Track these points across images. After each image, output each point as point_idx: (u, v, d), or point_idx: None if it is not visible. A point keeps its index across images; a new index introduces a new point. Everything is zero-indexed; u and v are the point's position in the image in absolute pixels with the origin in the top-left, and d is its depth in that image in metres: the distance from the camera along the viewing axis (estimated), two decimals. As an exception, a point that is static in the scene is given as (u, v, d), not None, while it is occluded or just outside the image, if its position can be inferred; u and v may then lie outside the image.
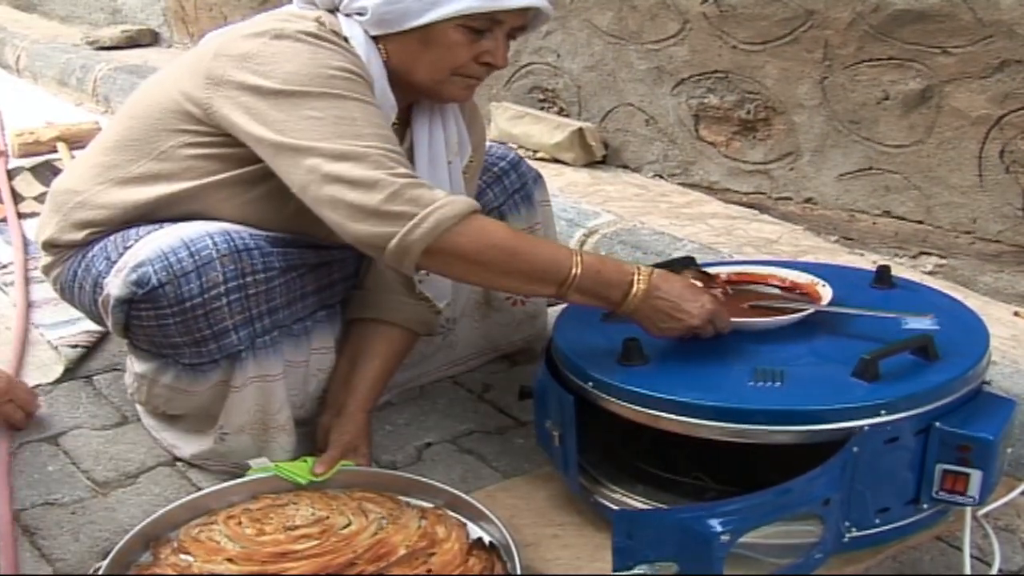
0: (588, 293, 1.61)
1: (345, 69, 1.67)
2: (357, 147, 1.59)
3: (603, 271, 1.61)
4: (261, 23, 1.73)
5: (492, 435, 1.98)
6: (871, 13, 2.36)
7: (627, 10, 2.95)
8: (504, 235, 1.62)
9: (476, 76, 1.79)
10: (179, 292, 1.67)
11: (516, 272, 1.61)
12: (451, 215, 1.56)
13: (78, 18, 6.62)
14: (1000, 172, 2.24)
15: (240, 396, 1.77)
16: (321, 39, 1.69)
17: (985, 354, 1.58)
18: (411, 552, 1.50)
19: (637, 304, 1.59)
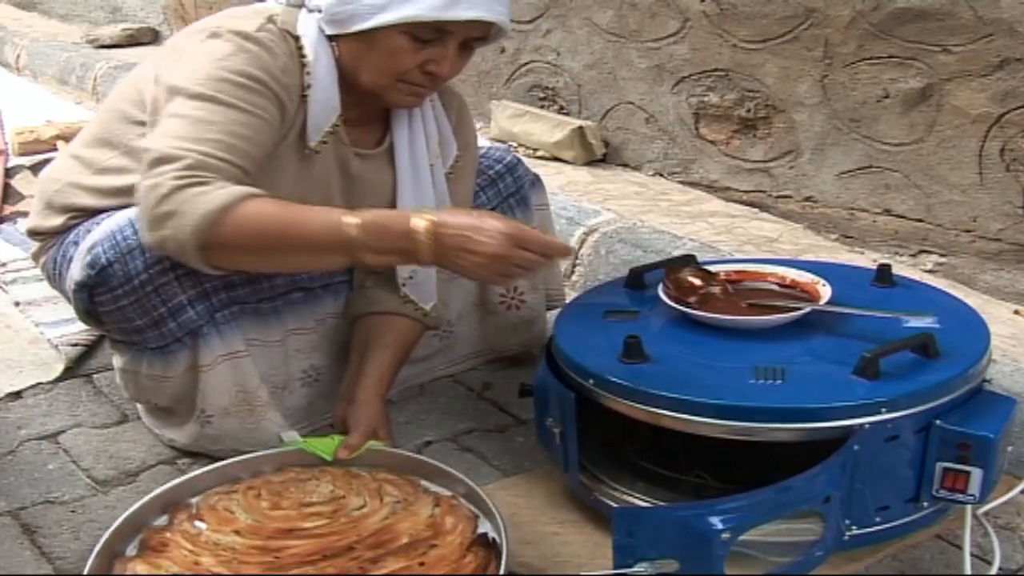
0: (380, 250, 1.59)
1: (248, 75, 1.66)
2: (179, 150, 1.57)
3: (380, 220, 1.59)
4: (213, 21, 1.75)
5: (492, 433, 1.98)
6: (871, 11, 2.36)
7: (627, 8, 2.95)
8: (270, 216, 1.58)
9: (420, 84, 1.76)
10: (127, 270, 1.69)
11: (296, 249, 1.61)
12: (212, 209, 1.54)
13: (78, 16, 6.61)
14: (1000, 170, 2.24)
15: (212, 375, 1.77)
16: (251, 40, 1.69)
17: (985, 352, 1.58)
18: (412, 542, 1.50)
19: (431, 245, 1.57)
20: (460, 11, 1.66)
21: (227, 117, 1.63)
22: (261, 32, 1.71)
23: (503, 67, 3.42)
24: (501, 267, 1.59)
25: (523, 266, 1.60)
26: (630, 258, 2.42)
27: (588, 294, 1.95)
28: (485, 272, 1.60)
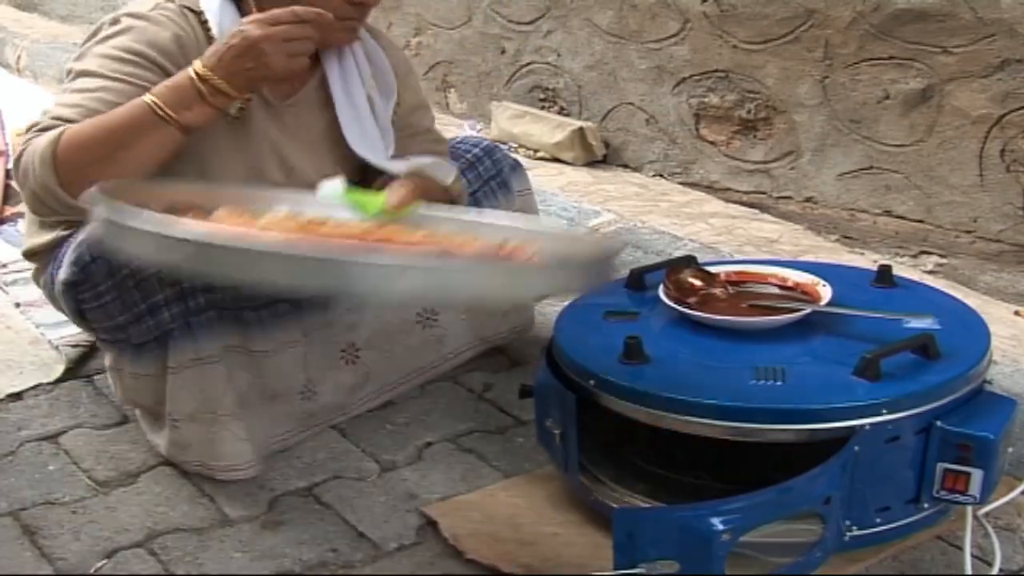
0: (182, 104, 1.65)
1: (129, 49, 1.74)
2: (40, 117, 1.72)
3: (170, 83, 1.68)
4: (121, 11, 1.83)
5: (493, 434, 1.98)
6: (872, 12, 2.37)
7: (627, 9, 2.95)
8: (87, 125, 1.67)
9: (353, 17, 1.83)
10: (110, 266, 1.70)
11: (122, 141, 1.66)
12: (44, 146, 1.64)
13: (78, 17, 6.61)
14: (1001, 171, 2.24)
15: (179, 379, 1.76)
16: (141, 18, 1.78)
17: (986, 353, 1.58)
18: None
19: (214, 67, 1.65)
20: None
21: (98, 85, 1.72)
22: (154, 11, 1.79)
23: (503, 68, 3.42)
24: (276, 47, 1.64)
25: (293, 35, 1.65)
26: (630, 259, 2.42)
27: (588, 295, 1.94)
28: (272, 62, 1.64)
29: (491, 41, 3.44)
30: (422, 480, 1.83)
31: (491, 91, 3.47)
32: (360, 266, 1.21)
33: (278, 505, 1.77)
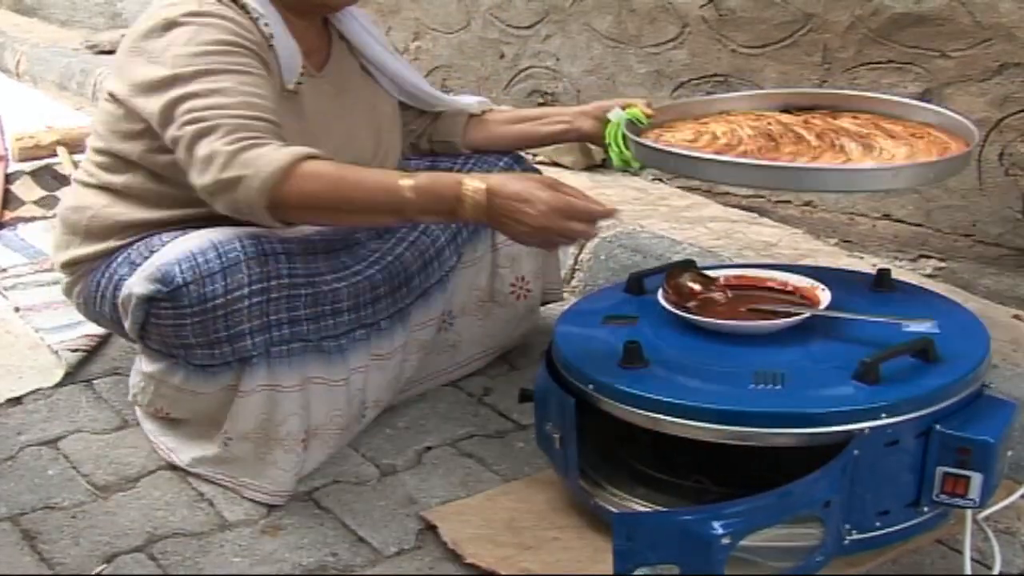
0: (431, 212, 1.67)
1: (224, 41, 1.75)
2: (209, 122, 1.67)
3: (436, 186, 1.66)
4: (155, 15, 1.81)
5: (492, 438, 1.98)
6: (870, 16, 2.37)
7: (626, 14, 2.95)
8: (329, 179, 1.67)
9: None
10: (202, 292, 1.69)
11: (355, 210, 1.70)
12: (274, 170, 1.62)
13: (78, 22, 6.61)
14: (1000, 175, 2.25)
15: (246, 402, 1.77)
16: (202, 15, 1.77)
17: (985, 357, 1.58)
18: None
19: (483, 209, 1.63)
20: None
21: (233, 81, 1.72)
22: (205, 5, 1.79)
23: (502, 72, 3.42)
24: (546, 237, 1.65)
25: (568, 236, 1.65)
26: (630, 263, 2.42)
27: (588, 299, 1.95)
28: (530, 240, 1.67)
29: (490, 45, 3.45)
30: (422, 484, 1.83)
31: (490, 95, 3.46)
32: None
33: (277, 509, 1.77)
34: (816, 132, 1.93)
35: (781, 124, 2.00)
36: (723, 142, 1.92)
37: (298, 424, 1.80)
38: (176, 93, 1.71)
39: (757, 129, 1.98)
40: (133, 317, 1.76)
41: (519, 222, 1.62)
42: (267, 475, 1.79)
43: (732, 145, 1.90)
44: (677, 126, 2.05)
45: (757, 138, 1.92)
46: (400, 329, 1.97)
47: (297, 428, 1.80)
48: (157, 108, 1.74)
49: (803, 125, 1.99)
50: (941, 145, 1.84)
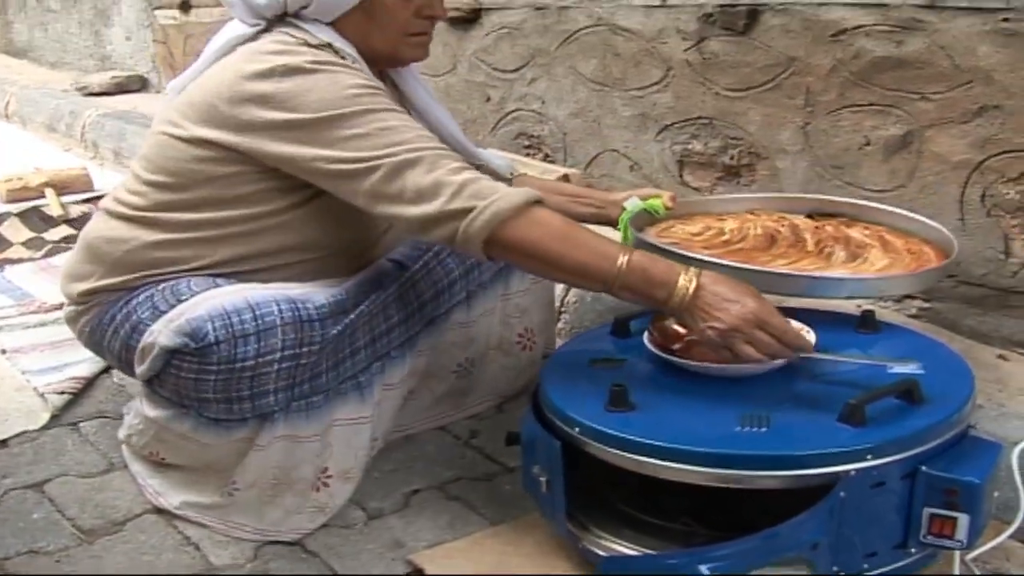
0: (635, 291, 1.65)
1: (360, 85, 1.76)
2: (411, 154, 1.68)
3: (650, 270, 1.64)
4: (258, 62, 1.79)
5: (479, 481, 1.98)
6: (851, 60, 2.39)
7: (611, 57, 2.98)
8: (555, 231, 1.66)
9: (424, 31, 1.93)
10: (233, 352, 1.69)
11: (566, 267, 1.67)
12: (507, 207, 1.63)
13: (68, 64, 6.64)
14: (982, 216, 2.27)
15: (263, 455, 1.77)
16: (323, 63, 1.78)
17: (970, 397, 1.59)
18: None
19: (684, 304, 1.62)
20: None
21: (399, 119, 1.75)
22: (321, 55, 1.80)
23: (489, 115, 3.44)
24: (731, 339, 1.60)
25: (753, 346, 1.60)
26: (615, 304, 2.41)
27: (574, 342, 1.96)
28: (715, 338, 1.61)
29: (476, 89, 3.47)
30: (409, 528, 1.82)
31: (476, 138, 3.49)
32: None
33: (264, 554, 1.76)
34: (818, 239, 2.04)
35: (792, 227, 2.10)
36: (725, 238, 2.02)
37: (311, 470, 1.81)
38: (341, 134, 1.71)
39: (767, 229, 2.08)
40: (151, 365, 1.74)
41: (715, 318, 1.60)
42: (270, 518, 1.79)
43: (731, 242, 2.01)
44: (695, 219, 2.15)
45: (761, 238, 2.03)
46: (408, 356, 2.00)
47: (311, 473, 1.81)
48: (314, 151, 1.73)
49: (813, 231, 2.08)
50: (923, 262, 1.95)
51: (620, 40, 2.93)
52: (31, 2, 6.96)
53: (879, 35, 2.32)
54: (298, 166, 1.76)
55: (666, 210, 2.09)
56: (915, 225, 2.14)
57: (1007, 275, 2.25)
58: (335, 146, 1.71)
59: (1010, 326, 2.26)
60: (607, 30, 2.96)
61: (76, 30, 6.50)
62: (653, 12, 2.81)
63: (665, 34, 2.79)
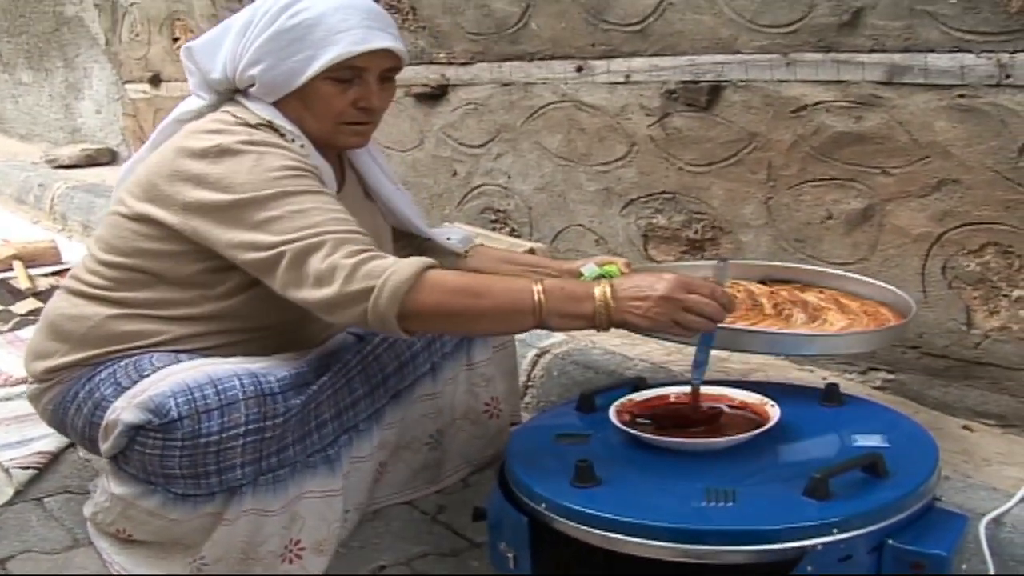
0: (564, 313, 1.67)
1: (285, 167, 1.80)
2: (314, 239, 1.70)
3: (566, 287, 1.70)
4: (196, 140, 1.84)
5: (447, 557, 1.97)
6: (812, 135, 2.43)
7: (576, 132, 3.01)
8: (459, 283, 1.70)
9: (360, 121, 1.94)
10: (197, 428, 1.69)
11: (487, 315, 1.70)
12: (403, 279, 1.65)
13: (38, 136, 6.65)
14: (943, 288, 2.29)
15: (230, 529, 1.76)
16: (255, 143, 1.83)
17: (935, 470, 1.60)
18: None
19: (611, 308, 1.66)
20: (371, 43, 1.86)
21: (315, 202, 1.77)
22: (256, 135, 1.85)
23: (455, 189, 3.47)
24: (672, 309, 1.65)
25: (693, 309, 1.65)
26: (582, 379, 2.43)
27: (540, 417, 1.97)
28: (660, 317, 1.65)
29: (443, 163, 3.50)
30: (375, 606, 1.80)
31: (443, 212, 3.51)
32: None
33: (227, 635, 1.73)
34: (775, 302, 2.06)
35: (748, 293, 2.12)
36: None
37: (278, 543, 1.81)
38: (257, 218, 1.74)
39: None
40: (115, 442, 1.74)
41: (643, 298, 1.65)
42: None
43: None
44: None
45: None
46: (376, 429, 2.00)
47: (277, 545, 1.81)
48: (232, 234, 1.76)
49: (768, 295, 2.10)
50: (881, 322, 1.99)
51: (585, 116, 2.96)
52: (2, 75, 6.98)
53: (839, 111, 2.37)
54: (223, 251, 1.80)
55: (621, 275, 2.09)
56: (870, 289, 2.17)
57: (970, 346, 2.27)
58: (250, 230, 1.75)
59: (974, 397, 2.27)
60: (572, 106, 3.00)
61: (47, 103, 6.51)
62: (617, 88, 2.85)
63: (629, 110, 2.83)
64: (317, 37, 1.84)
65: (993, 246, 2.19)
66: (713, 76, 2.59)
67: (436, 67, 3.40)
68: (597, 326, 1.68)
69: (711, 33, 2.58)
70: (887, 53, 2.25)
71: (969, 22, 2.10)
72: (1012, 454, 2.03)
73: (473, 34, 3.24)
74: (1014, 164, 2.10)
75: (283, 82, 1.87)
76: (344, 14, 1.85)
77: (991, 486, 1.85)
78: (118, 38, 5.42)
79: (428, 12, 3.35)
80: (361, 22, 1.86)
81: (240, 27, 1.90)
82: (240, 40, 1.89)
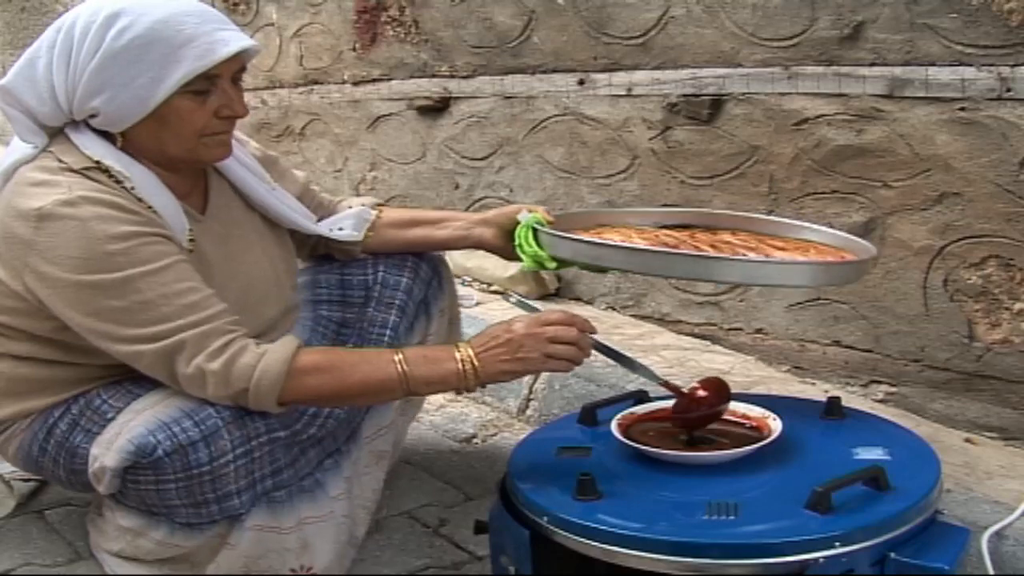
0: (430, 380, 1.72)
1: (115, 237, 1.65)
2: (170, 339, 1.66)
3: (427, 352, 1.75)
4: (21, 196, 1.70)
5: (448, 570, 1.96)
6: (813, 148, 2.44)
7: (578, 146, 3.02)
8: (325, 375, 1.72)
9: (223, 131, 1.80)
10: (186, 461, 1.68)
11: (356, 392, 1.75)
12: (273, 377, 1.68)
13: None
14: (945, 300, 2.29)
15: (235, 552, 1.78)
16: (75, 203, 1.66)
17: (937, 483, 1.59)
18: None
19: (476, 365, 1.70)
20: (220, 51, 1.70)
21: (155, 290, 1.66)
22: (76, 190, 1.68)
23: (457, 202, 3.47)
24: (537, 344, 1.69)
25: (556, 338, 1.69)
26: (583, 392, 2.43)
27: (541, 430, 1.96)
28: (529, 355, 1.69)
29: (445, 176, 3.50)
30: (376, 620, 1.80)
31: (446, 225, 3.51)
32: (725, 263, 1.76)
33: (229, 648, 1.73)
34: (708, 243, 1.93)
35: (672, 237, 1.98)
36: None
37: (279, 560, 1.81)
38: (101, 305, 1.66)
39: (651, 241, 1.94)
40: (109, 485, 1.72)
41: (503, 344, 1.69)
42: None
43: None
44: (577, 233, 1.98)
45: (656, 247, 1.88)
46: (354, 447, 1.99)
47: (281, 565, 1.81)
48: (79, 318, 1.68)
49: (691, 239, 1.97)
50: (833, 254, 1.89)
51: (587, 129, 2.97)
52: (3, 90, 6.97)
53: (840, 124, 2.37)
54: (78, 331, 1.71)
55: (548, 224, 1.99)
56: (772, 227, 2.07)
57: (971, 359, 2.27)
58: (99, 320, 1.67)
59: (976, 409, 2.27)
60: (574, 119, 3.00)
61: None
62: (619, 102, 2.85)
63: (631, 123, 2.83)
64: (156, 55, 1.66)
65: (994, 259, 2.19)
66: (715, 89, 2.60)
67: (438, 80, 3.41)
68: (465, 387, 1.72)
69: (713, 46, 2.59)
70: (888, 67, 2.25)
71: (970, 36, 2.11)
72: (1014, 467, 2.03)
73: (475, 47, 3.24)
74: (1015, 177, 2.11)
75: (131, 109, 1.70)
76: (177, 24, 1.68)
77: (993, 499, 1.84)
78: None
79: (430, 25, 3.36)
80: (199, 28, 1.69)
81: (60, 53, 1.70)
82: (66, 69, 1.70)
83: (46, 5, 6.33)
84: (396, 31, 3.50)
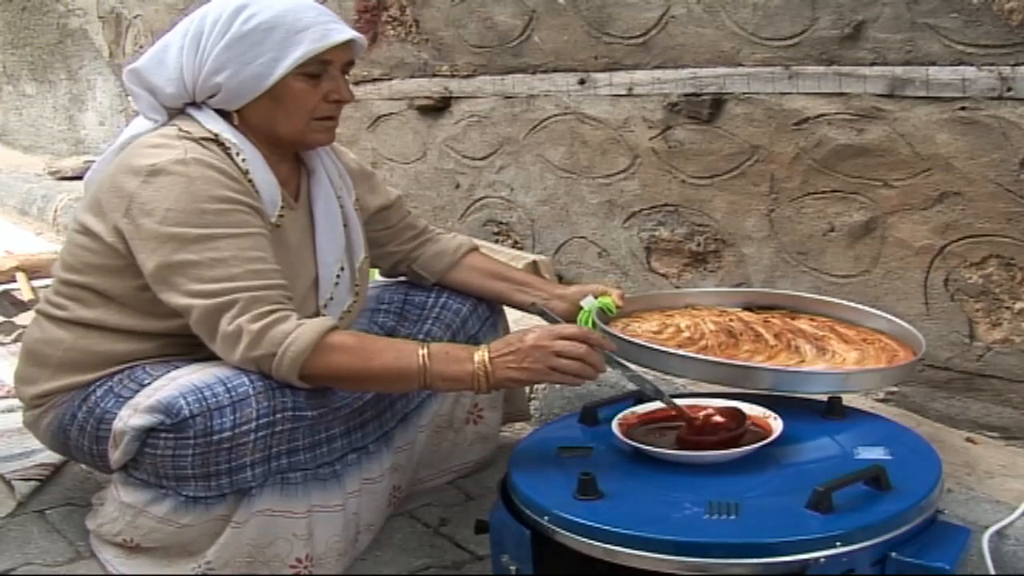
0: (447, 376, 1.77)
1: (215, 198, 1.80)
2: (225, 296, 1.75)
3: (450, 351, 1.78)
4: (137, 156, 1.84)
5: (449, 570, 1.96)
6: (814, 148, 2.44)
7: (578, 145, 3.02)
8: (350, 355, 1.78)
9: (331, 116, 1.96)
10: (209, 425, 1.72)
11: (376, 377, 1.80)
12: (301, 349, 1.73)
13: (41, 148, 6.66)
14: (946, 300, 2.29)
15: (239, 531, 1.78)
16: (188, 164, 1.81)
17: (938, 483, 1.60)
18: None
19: (488, 369, 1.74)
20: (335, 37, 1.88)
21: (234, 248, 1.77)
22: (191, 153, 1.83)
23: (458, 202, 3.47)
24: (544, 356, 1.72)
25: (564, 353, 1.71)
26: (584, 391, 2.42)
27: (543, 430, 1.96)
28: (534, 365, 1.73)
29: (446, 176, 3.50)
30: (377, 619, 1.80)
31: (445, 224, 3.51)
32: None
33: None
34: (774, 332, 2.05)
35: (742, 322, 2.11)
36: (686, 335, 2.03)
37: (285, 547, 1.83)
38: (177, 258, 1.76)
39: (719, 325, 2.08)
40: (126, 448, 1.76)
41: (515, 351, 1.73)
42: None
43: (695, 339, 2.01)
44: (644, 317, 2.16)
45: (719, 334, 2.04)
46: (386, 451, 2.02)
47: (285, 551, 1.83)
48: (153, 266, 1.78)
49: (763, 324, 2.10)
50: (890, 352, 1.97)
51: (587, 128, 2.97)
52: (6, 87, 7.00)
53: (841, 123, 2.37)
54: (145, 276, 1.81)
55: (617, 308, 2.11)
56: (854, 314, 2.19)
57: (972, 359, 2.27)
58: (170, 270, 1.77)
59: (977, 409, 2.27)
60: (574, 119, 3.00)
61: (51, 115, 6.53)
62: (619, 101, 2.85)
63: (631, 123, 2.83)
64: (278, 38, 1.85)
65: (995, 258, 2.19)
66: (715, 89, 2.60)
67: (439, 80, 3.41)
68: (477, 387, 1.76)
69: (713, 46, 2.58)
70: (889, 66, 2.25)
71: (970, 35, 2.11)
72: (1015, 466, 2.03)
73: (476, 47, 3.24)
74: (1016, 177, 2.11)
75: (251, 86, 1.86)
76: (297, 14, 1.87)
77: (994, 499, 1.85)
78: (122, 50, 5.43)
79: (431, 25, 3.36)
80: (316, 19, 1.88)
81: (191, 39, 1.89)
82: (195, 52, 1.88)
83: (46, 5, 6.35)
84: (397, 31, 3.50)
